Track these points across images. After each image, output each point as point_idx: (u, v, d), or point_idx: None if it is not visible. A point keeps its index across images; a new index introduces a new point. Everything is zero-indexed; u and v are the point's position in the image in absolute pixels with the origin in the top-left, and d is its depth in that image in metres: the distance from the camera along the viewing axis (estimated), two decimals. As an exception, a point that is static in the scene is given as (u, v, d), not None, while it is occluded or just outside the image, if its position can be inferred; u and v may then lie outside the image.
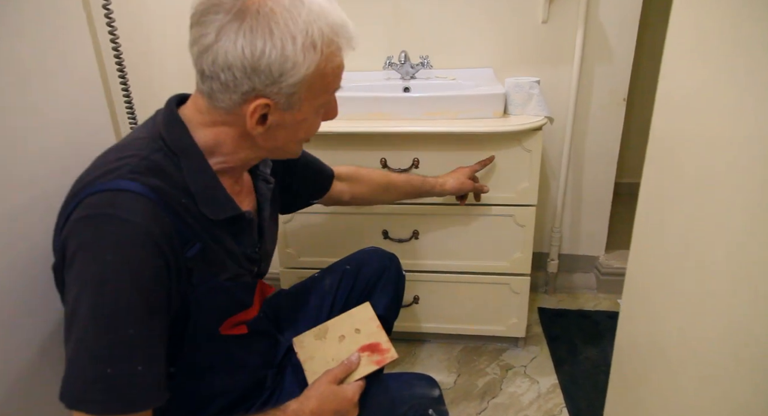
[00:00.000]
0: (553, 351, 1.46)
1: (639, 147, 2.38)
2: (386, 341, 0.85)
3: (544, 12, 1.49)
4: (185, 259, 0.64)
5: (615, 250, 1.79)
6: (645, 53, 1.87)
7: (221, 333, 0.74)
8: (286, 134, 0.69)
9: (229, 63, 0.59)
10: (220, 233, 0.69)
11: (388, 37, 1.58)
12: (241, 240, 0.74)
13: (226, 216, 0.68)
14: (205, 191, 0.66)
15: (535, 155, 1.23)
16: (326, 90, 0.67)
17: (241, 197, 0.76)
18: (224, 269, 0.71)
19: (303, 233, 1.38)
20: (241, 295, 0.76)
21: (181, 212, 0.63)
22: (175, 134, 0.66)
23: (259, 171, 0.82)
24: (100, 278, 0.56)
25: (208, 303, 0.69)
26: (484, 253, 1.34)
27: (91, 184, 0.61)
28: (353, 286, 0.98)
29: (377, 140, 1.26)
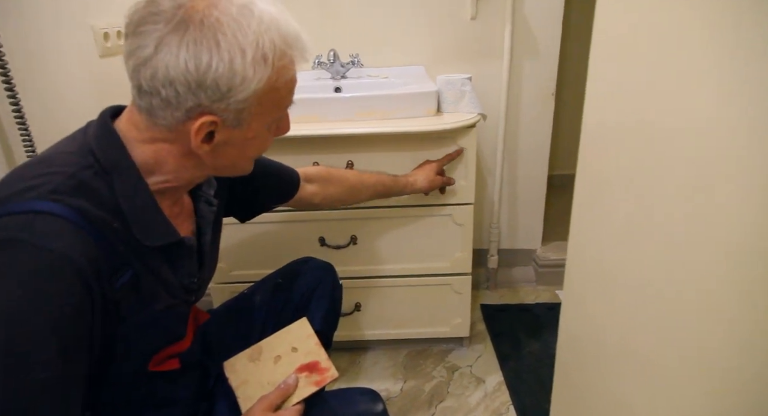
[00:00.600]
0: (498, 347, 1.46)
1: (569, 139, 2.45)
2: (326, 359, 0.79)
3: (472, 8, 1.48)
4: (113, 290, 0.57)
5: (551, 242, 1.82)
6: (571, 47, 1.92)
7: (150, 369, 0.67)
8: (235, 152, 0.63)
9: (171, 78, 0.54)
10: (155, 261, 0.63)
11: (316, 35, 1.51)
12: (178, 269, 0.67)
13: (162, 243, 0.62)
14: (139, 214, 0.59)
15: (470, 153, 1.22)
16: (278, 106, 0.62)
17: (179, 220, 0.69)
18: (157, 300, 0.64)
19: (234, 246, 1.30)
20: (174, 325, 0.69)
21: (110, 238, 0.57)
22: (109, 149, 0.59)
23: (201, 192, 0.74)
24: (8, 316, 0.48)
25: (137, 337, 0.62)
26: (425, 255, 1.31)
27: (6, 202, 0.52)
28: (287, 301, 0.92)
29: (309, 144, 1.20)
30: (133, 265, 0.59)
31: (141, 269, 0.61)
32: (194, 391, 0.79)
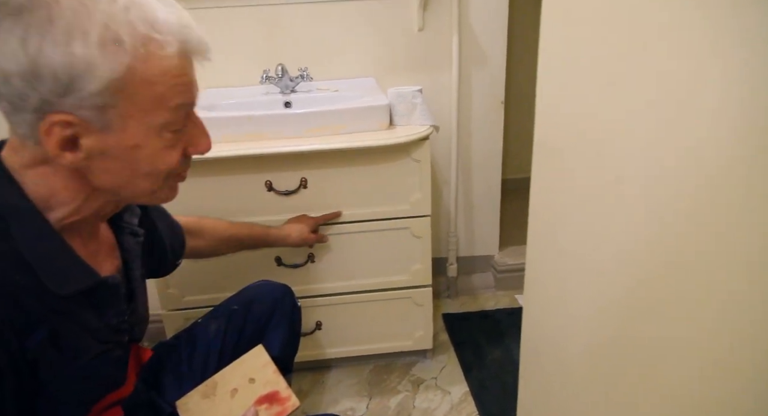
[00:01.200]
0: (461, 357, 1.46)
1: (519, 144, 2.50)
2: (285, 388, 0.77)
3: (419, 20, 1.48)
4: (25, 351, 0.50)
5: (508, 246, 1.85)
6: (517, 55, 1.96)
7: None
8: (121, 167, 0.54)
9: (5, 71, 0.46)
10: (75, 309, 0.56)
11: (263, 49, 1.49)
12: (104, 311, 0.61)
13: (80, 288, 0.55)
14: (47, 260, 0.53)
15: (424, 165, 1.21)
16: (159, 104, 0.52)
17: (100, 258, 0.62)
18: (84, 351, 0.58)
19: (186, 270, 1.23)
20: (110, 373, 0.63)
21: (15, 294, 0.50)
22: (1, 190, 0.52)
23: (124, 223, 0.68)
24: None
25: (66, 395, 0.56)
26: (384, 269, 1.30)
27: None
28: (243, 328, 0.88)
29: (260, 162, 1.16)
30: (50, 321, 0.53)
31: (59, 323, 0.54)
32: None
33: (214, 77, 1.50)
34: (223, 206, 1.19)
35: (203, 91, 1.49)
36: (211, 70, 1.53)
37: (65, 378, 0.56)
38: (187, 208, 1.17)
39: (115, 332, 0.63)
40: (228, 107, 1.37)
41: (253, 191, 1.19)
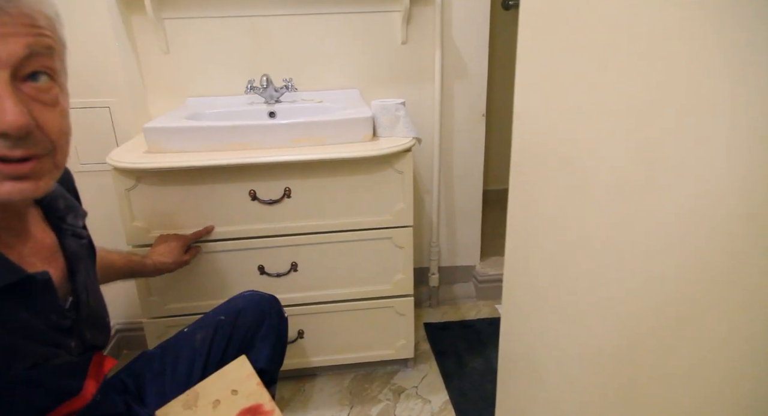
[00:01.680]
0: (442, 366, 1.47)
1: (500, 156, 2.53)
2: (269, 401, 0.77)
3: (402, 33, 1.52)
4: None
5: (489, 257, 1.88)
6: (498, 70, 2.01)
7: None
8: None
9: None
10: (5, 307, 0.54)
11: (248, 59, 1.50)
12: (38, 310, 0.58)
13: (2, 284, 0.52)
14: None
15: (407, 176, 1.23)
16: None
17: (33, 260, 0.60)
18: (21, 355, 0.55)
19: (168, 278, 1.24)
20: (61, 382, 0.60)
21: None
22: None
23: (66, 225, 0.67)
24: None
25: (7, 405, 0.53)
26: (366, 278, 1.31)
27: None
28: (230, 339, 0.88)
29: (244, 172, 1.17)
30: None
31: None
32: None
33: (199, 86, 1.51)
34: (207, 214, 1.19)
35: (187, 100, 1.50)
36: (196, 79, 1.55)
37: (4, 388, 0.53)
38: (172, 216, 1.18)
39: (57, 331, 0.60)
40: (212, 116, 1.38)
41: (237, 200, 1.19)
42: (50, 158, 0.54)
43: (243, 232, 1.22)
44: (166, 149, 1.16)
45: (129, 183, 1.15)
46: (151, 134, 1.15)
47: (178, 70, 1.49)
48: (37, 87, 0.51)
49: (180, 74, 1.49)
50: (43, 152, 0.52)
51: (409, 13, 1.48)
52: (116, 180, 1.15)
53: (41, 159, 0.52)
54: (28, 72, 0.50)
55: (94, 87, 1.34)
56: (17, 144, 0.49)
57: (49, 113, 0.52)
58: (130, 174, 1.14)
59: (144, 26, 1.43)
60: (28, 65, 0.50)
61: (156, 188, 1.16)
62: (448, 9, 1.51)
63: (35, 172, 0.52)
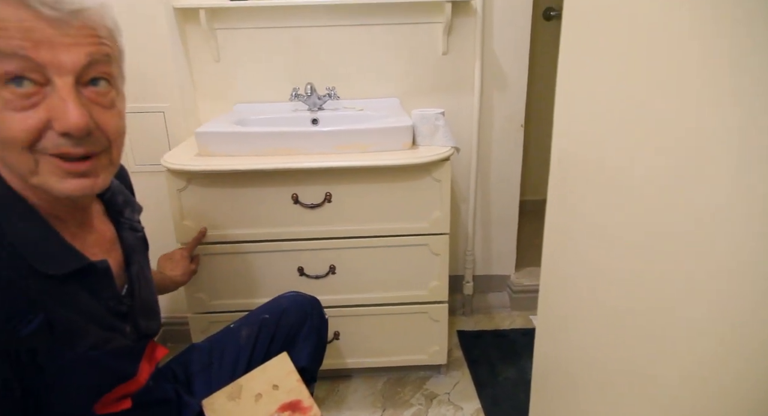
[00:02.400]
0: (475, 374, 1.48)
1: (537, 166, 2.53)
2: (308, 397, 0.80)
3: (443, 44, 1.54)
4: (20, 340, 0.52)
5: (524, 267, 1.87)
6: (537, 80, 2.01)
7: (97, 413, 0.62)
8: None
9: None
10: (71, 291, 0.58)
11: (293, 68, 1.56)
12: (98, 295, 0.63)
13: (68, 270, 0.57)
14: (34, 244, 0.55)
15: (444, 185, 1.26)
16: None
17: (95, 250, 0.65)
18: (83, 336, 0.59)
19: (213, 275, 1.30)
20: (118, 365, 0.64)
21: (9, 282, 0.52)
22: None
23: (124, 219, 0.72)
24: None
25: (70, 382, 0.58)
26: (402, 283, 1.34)
27: None
28: (273, 337, 0.92)
29: (288, 176, 1.22)
30: (44, 305, 0.55)
31: (54, 309, 0.56)
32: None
33: (246, 93, 1.58)
34: (251, 216, 1.24)
35: (235, 106, 1.56)
36: (243, 87, 1.61)
37: (65, 366, 0.57)
38: (219, 216, 1.24)
39: (115, 316, 0.65)
40: (258, 122, 1.43)
41: (280, 203, 1.24)
42: (107, 155, 0.59)
43: (284, 234, 1.27)
44: (215, 152, 1.22)
45: (180, 184, 1.21)
46: (202, 138, 1.21)
47: (227, 78, 1.56)
48: (96, 91, 0.56)
49: (228, 81, 1.56)
50: (100, 150, 0.57)
51: (450, 24, 1.50)
52: (169, 181, 1.21)
53: (99, 156, 0.58)
54: (89, 78, 0.55)
55: (150, 93, 1.42)
56: (79, 143, 0.55)
57: (107, 115, 0.57)
58: (182, 175, 1.21)
59: (197, 36, 1.50)
60: (89, 72, 0.55)
61: (205, 190, 1.22)
62: (489, 20, 1.53)
63: (94, 169, 0.57)
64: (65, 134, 0.53)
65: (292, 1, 1.44)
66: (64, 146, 0.54)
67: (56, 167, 0.55)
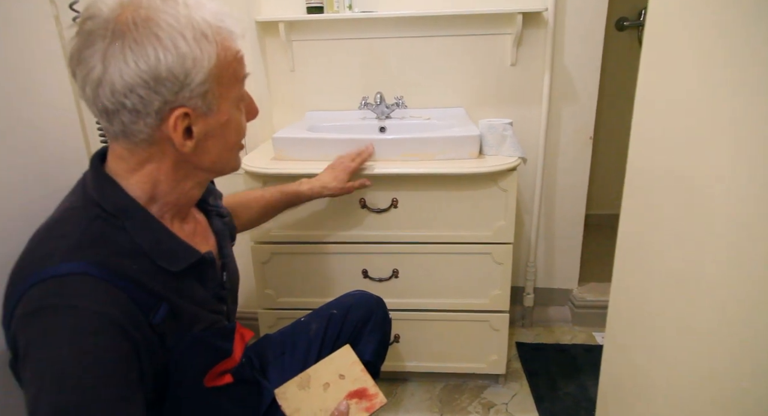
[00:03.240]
0: (534, 387, 1.46)
1: (606, 180, 2.47)
2: (373, 385, 0.84)
3: (512, 56, 1.55)
4: (153, 327, 0.59)
5: (587, 282, 1.83)
6: (608, 92, 1.97)
7: (206, 385, 0.70)
8: (216, 144, 0.64)
9: (129, 84, 0.55)
10: (186, 283, 0.66)
11: (363, 77, 1.62)
12: (206, 283, 0.71)
13: (186, 265, 0.65)
14: (158, 245, 0.62)
15: (510, 195, 1.26)
16: (236, 79, 0.63)
17: (197, 240, 0.72)
18: (197, 321, 0.67)
19: (282, 274, 1.37)
20: (220, 343, 0.72)
21: (138, 280, 0.59)
22: (108, 194, 0.61)
23: (210, 207, 0.79)
24: (59, 376, 0.51)
25: (188, 359, 0.66)
26: (464, 291, 1.35)
27: (29, 273, 0.55)
28: (340, 331, 0.97)
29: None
30: (168, 297, 0.61)
31: (175, 298, 0.63)
32: (249, 408, 0.82)
33: (317, 101, 1.65)
34: (321, 218, 1.30)
35: (307, 113, 1.63)
36: (315, 95, 1.69)
37: (185, 346, 0.64)
38: (292, 218, 1.30)
39: (217, 300, 0.72)
40: (329, 128, 1.50)
41: (348, 207, 1.29)
42: None
43: (351, 237, 1.32)
44: (289, 156, 1.29)
45: (256, 186, 1.29)
46: (278, 142, 1.29)
47: (301, 87, 1.64)
48: None
49: (302, 90, 1.64)
50: None
51: (520, 36, 1.51)
52: (246, 183, 1.29)
53: None
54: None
55: (231, 100, 1.51)
56: None
57: None
58: (258, 178, 1.28)
59: (275, 47, 1.59)
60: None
61: (279, 192, 1.29)
62: (561, 31, 1.53)
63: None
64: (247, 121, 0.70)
65: (365, 15, 1.50)
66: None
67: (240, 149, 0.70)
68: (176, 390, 0.65)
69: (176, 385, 0.65)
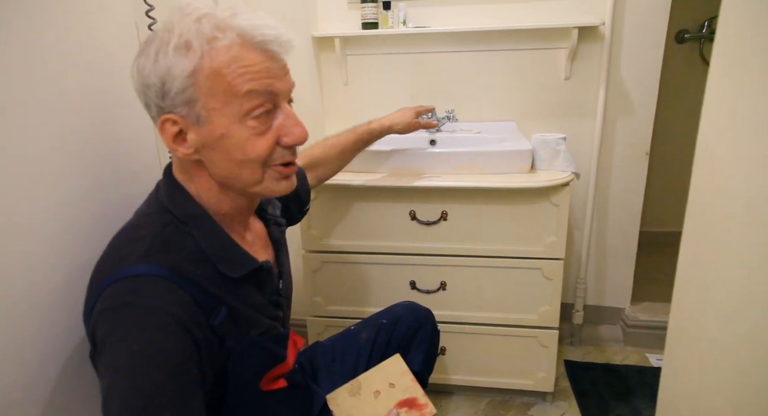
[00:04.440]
0: (583, 407, 1.43)
1: (661, 197, 2.40)
2: (423, 395, 0.85)
3: (566, 69, 1.54)
4: (213, 329, 0.63)
5: (641, 301, 1.77)
6: (665, 107, 1.91)
7: (262, 389, 0.73)
8: (220, 157, 0.64)
9: (136, 89, 0.64)
10: (244, 289, 0.69)
11: (414, 91, 1.64)
12: (264, 290, 0.74)
13: (245, 272, 0.68)
14: (220, 252, 0.66)
15: (562, 210, 1.25)
16: (232, 93, 0.60)
17: (256, 248, 0.76)
18: (254, 325, 0.70)
19: (331, 283, 1.40)
20: (275, 348, 0.75)
21: (201, 284, 0.63)
22: (178, 201, 0.66)
23: (269, 215, 0.82)
24: (130, 368, 0.55)
25: (245, 362, 0.69)
26: (512, 305, 1.34)
27: (108, 273, 0.61)
28: (389, 341, 0.99)
29: (407, 194, 1.29)
30: (227, 302, 0.65)
31: (234, 303, 0.66)
32: (299, 412, 0.85)
33: (369, 114, 1.68)
34: (371, 228, 1.33)
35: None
36: (368, 108, 1.72)
37: (243, 349, 0.67)
38: (342, 228, 1.33)
39: (274, 306, 0.75)
40: (379, 141, 1.52)
41: (398, 218, 1.31)
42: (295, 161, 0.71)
43: (400, 248, 1.33)
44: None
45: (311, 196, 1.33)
46: (332, 155, 1.32)
47: (354, 100, 1.68)
48: (292, 109, 0.68)
49: (354, 103, 1.68)
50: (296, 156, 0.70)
51: (575, 50, 1.50)
52: (300, 193, 1.33)
53: (295, 162, 0.70)
54: (288, 100, 0.68)
55: (287, 113, 1.57)
56: (294, 152, 0.68)
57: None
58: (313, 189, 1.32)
59: (330, 62, 1.65)
60: (288, 95, 0.67)
61: (331, 202, 1.33)
62: (618, 45, 1.51)
63: (294, 172, 0.70)
64: (292, 146, 0.66)
65: (419, 30, 1.53)
66: (287, 156, 0.67)
67: (278, 174, 0.67)
68: (234, 391, 0.68)
69: (234, 386, 0.68)
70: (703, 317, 0.73)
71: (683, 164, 2.23)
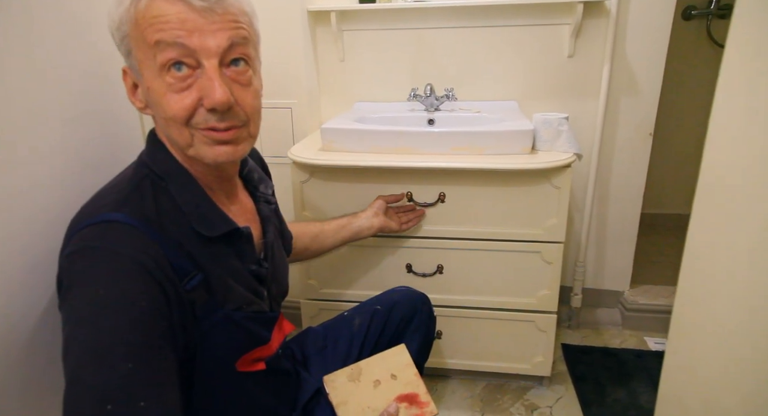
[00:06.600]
0: (580, 391, 1.41)
1: (663, 178, 2.36)
2: (425, 393, 0.81)
3: (570, 47, 1.49)
4: (185, 291, 0.61)
5: (640, 285, 1.75)
6: (671, 87, 1.86)
7: (238, 370, 0.70)
8: (156, 113, 0.64)
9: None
10: (221, 252, 0.67)
11: (413, 68, 1.59)
12: (243, 257, 0.71)
13: (221, 232, 0.66)
14: (196, 209, 0.65)
15: (563, 192, 1.21)
16: (146, 44, 0.59)
17: (242, 219, 0.74)
18: (231, 297, 0.67)
19: (326, 265, 1.37)
20: (257, 329, 0.72)
21: (177, 240, 0.62)
22: (158, 158, 0.66)
23: (260, 193, 0.81)
24: (94, 313, 0.53)
25: (219, 338, 0.66)
26: (510, 289, 1.32)
27: (83, 219, 0.60)
28: (384, 328, 0.96)
29: (404, 174, 1.25)
30: (203, 266, 0.63)
31: (209, 267, 0.64)
32: (282, 399, 0.82)
33: (366, 92, 1.64)
34: (366, 211, 1.29)
35: (355, 104, 1.62)
36: (364, 86, 1.67)
37: (216, 322, 0.65)
38: (337, 210, 1.29)
39: (255, 278, 0.73)
40: (376, 120, 1.48)
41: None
42: (246, 129, 0.66)
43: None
44: (337, 147, 1.29)
45: (303, 176, 1.29)
46: (327, 133, 1.28)
47: (350, 77, 1.63)
48: (236, 71, 0.63)
49: (351, 80, 1.63)
50: (240, 124, 0.65)
51: (579, 26, 1.44)
52: (293, 173, 1.29)
53: (239, 129, 0.65)
54: (230, 59, 0.62)
55: (281, 90, 1.52)
56: (222, 118, 0.62)
57: (245, 92, 0.64)
58: (306, 168, 1.28)
59: (326, 37, 1.59)
60: (229, 54, 0.62)
61: (325, 183, 1.29)
62: (624, 21, 1.45)
63: (235, 138, 0.65)
64: (212, 109, 0.61)
65: (418, 4, 1.47)
66: (212, 120, 0.62)
67: (206, 138, 0.63)
68: (206, 368, 0.65)
69: (205, 361, 0.65)
70: (710, 306, 0.71)
71: (687, 144, 2.18)
